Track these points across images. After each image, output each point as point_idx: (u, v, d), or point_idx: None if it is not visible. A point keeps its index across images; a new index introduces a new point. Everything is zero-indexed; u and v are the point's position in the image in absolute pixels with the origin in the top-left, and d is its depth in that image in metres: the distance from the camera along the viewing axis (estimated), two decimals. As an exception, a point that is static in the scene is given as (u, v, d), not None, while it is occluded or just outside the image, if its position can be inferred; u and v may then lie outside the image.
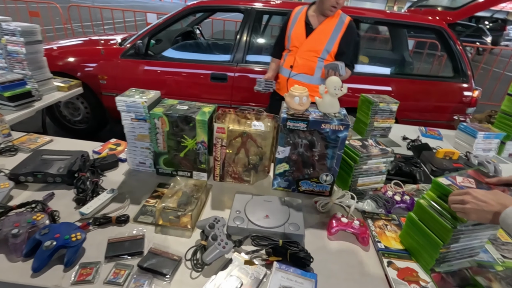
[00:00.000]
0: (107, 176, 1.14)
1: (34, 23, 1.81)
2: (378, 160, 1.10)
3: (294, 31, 1.73)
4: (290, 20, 1.77)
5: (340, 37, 1.69)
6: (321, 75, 1.76)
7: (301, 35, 1.72)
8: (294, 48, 1.74)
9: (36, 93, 1.72)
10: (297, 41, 1.72)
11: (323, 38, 1.69)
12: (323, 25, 1.69)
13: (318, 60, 1.72)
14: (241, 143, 1.08)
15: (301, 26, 1.73)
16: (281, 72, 1.84)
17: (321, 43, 1.69)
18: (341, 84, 0.97)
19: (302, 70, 1.74)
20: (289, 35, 1.75)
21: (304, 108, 1.00)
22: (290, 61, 1.76)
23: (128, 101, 1.02)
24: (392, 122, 1.66)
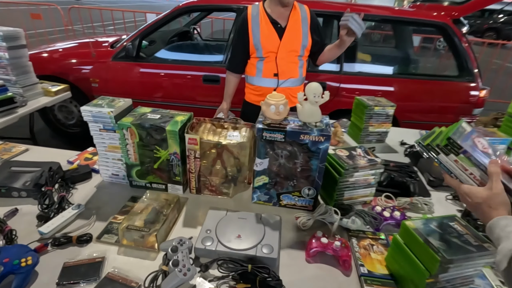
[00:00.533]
0: (78, 189, 1.08)
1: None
2: (365, 172, 1.01)
3: (263, 35, 1.50)
4: (249, 23, 1.52)
5: (309, 28, 1.55)
6: (303, 74, 1.66)
7: (274, 38, 1.51)
8: (270, 54, 1.53)
9: (20, 99, 1.68)
10: (272, 45, 1.51)
11: (297, 35, 1.53)
12: (291, 20, 1.53)
13: (299, 59, 1.59)
14: (216, 155, 1.00)
15: (268, 27, 1.51)
16: (261, 83, 1.61)
17: (297, 40, 1.54)
18: (321, 91, 0.88)
19: (288, 75, 1.59)
20: (256, 41, 1.51)
21: (281, 117, 0.92)
22: (271, 68, 1.56)
23: (94, 111, 0.96)
24: (388, 126, 1.56)
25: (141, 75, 2.42)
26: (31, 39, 5.50)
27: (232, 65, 1.68)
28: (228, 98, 1.72)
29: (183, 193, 1.09)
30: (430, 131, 0.78)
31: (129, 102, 1.05)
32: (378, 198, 1.10)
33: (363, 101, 1.52)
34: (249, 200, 1.08)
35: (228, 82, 1.71)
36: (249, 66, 1.63)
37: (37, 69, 2.52)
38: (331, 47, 1.56)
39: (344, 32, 1.35)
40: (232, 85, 1.71)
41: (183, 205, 1.03)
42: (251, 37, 1.52)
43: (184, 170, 1.05)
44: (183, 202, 1.05)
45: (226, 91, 1.73)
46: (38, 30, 5.41)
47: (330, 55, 1.59)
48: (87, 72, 2.46)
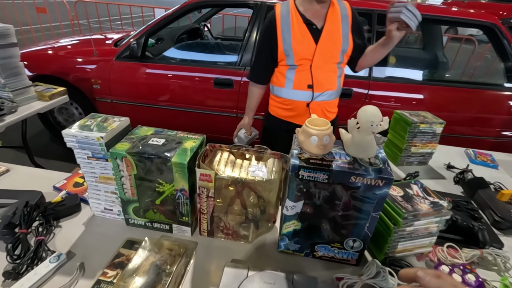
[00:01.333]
0: (62, 227, 0.87)
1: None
2: (428, 220, 0.78)
3: (296, 38, 1.26)
4: (278, 24, 1.27)
5: (351, 28, 1.30)
6: (341, 84, 1.41)
7: (308, 42, 1.26)
8: (304, 61, 1.28)
9: (9, 104, 1.49)
10: (306, 51, 1.27)
11: (336, 38, 1.28)
12: (330, 20, 1.27)
13: (338, 67, 1.35)
14: (235, 193, 0.78)
15: (302, 29, 1.26)
16: (291, 96, 1.36)
17: (337, 44, 1.29)
18: (380, 118, 0.65)
19: (326, 87, 1.34)
20: (287, 46, 1.26)
21: (325, 151, 0.69)
22: (305, 79, 1.31)
23: (79, 136, 0.74)
24: (434, 147, 1.32)
25: (146, 76, 2.21)
26: (36, 33, 5.37)
27: (255, 75, 1.42)
28: (250, 112, 1.50)
29: (192, 236, 0.87)
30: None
31: (126, 122, 0.83)
32: (438, 249, 0.86)
33: (405, 117, 1.28)
34: (275, 247, 0.86)
35: (251, 94, 1.47)
36: (276, 75, 1.37)
37: (35, 68, 2.36)
38: (373, 47, 1.31)
39: (394, 27, 1.10)
40: (255, 98, 1.47)
41: (192, 254, 0.82)
42: (281, 42, 1.26)
43: (193, 209, 0.83)
44: (192, 249, 0.83)
45: (248, 104, 1.50)
46: (44, 24, 5.26)
47: (373, 58, 1.34)
48: (88, 72, 2.26)
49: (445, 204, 0.79)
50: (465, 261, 0.83)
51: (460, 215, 0.95)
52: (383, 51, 1.27)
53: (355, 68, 1.43)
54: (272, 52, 1.31)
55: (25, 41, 5.22)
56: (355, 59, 1.38)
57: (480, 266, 0.85)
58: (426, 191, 0.84)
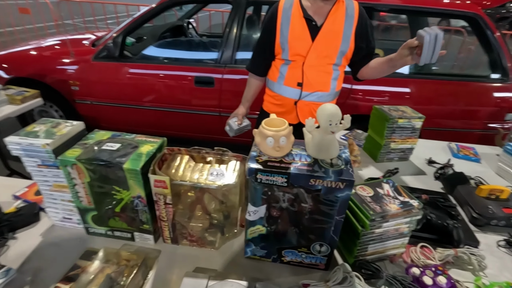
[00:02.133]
0: (17, 238, 0.83)
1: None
2: (398, 221, 0.75)
3: (293, 33, 1.21)
4: (279, 16, 1.22)
5: (355, 30, 1.22)
6: (336, 87, 1.33)
7: (305, 38, 1.21)
8: (297, 57, 1.24)
9: (-24, 109, 1.43)
10: (301, 47, 1.22)
11: (335, 37, 1.21)
12: (331, 18, 1.20)
13: (333, 69, 1.27)
14: (195, 199, 0.74)
15: (300, 24, 1.21)
16: (281, 92, 1.32)
17: (335, 44, 1.22)
18: (339, 116, 0.61)
19: (316, 88, 1.28)
20: (284, 40, 1.22)
21: (283, 153, 0.65)
22: (296, 76, 1.27)
23: (24, 143, 0.70)
24: (414, 142, 1.29)
25: (125, 76, 2.15)
26: (20, 35, 5.25)
27: (253, 66, 1.40)
28: (246, 102, 1.46)
29: (155, 243, 0.83)
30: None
31: (79, 127, 0.78)
32: (411, 249, 0.83)
33: (383, 112, 1.25)
34: (242, 253, 0.82)
35: (248, 84, 1.44)
36: (272, 68, 1.35)
37: (11, 70, 2.29)
38: (380, 61, 1.21)
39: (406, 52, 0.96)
40: (252, 89, 1.43)
41: (153, 263, 0.78)
42: (278, 34, 1.23)
43: (154, 217, 0.79)
44: (153, 258, 0.79)
45: (245, 94, 1.46)
46: (27, 25, 5.14)
47: (376, 71, 1.25)
48: (66, 73, 2.20)
49: (416, 204, 0.76)
50: (439, 262, 0.80)
51: (436, 213, 0.91)
52: (387, 69, 1.18)
53: (356, 75, 1.34)
54: (270, 44, 1.28)
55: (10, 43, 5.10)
56: (357, 65, 1.30)
57: (454, 266, 0.82)
58: (398, 190, 0.81)
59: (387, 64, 1.16)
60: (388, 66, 1.16)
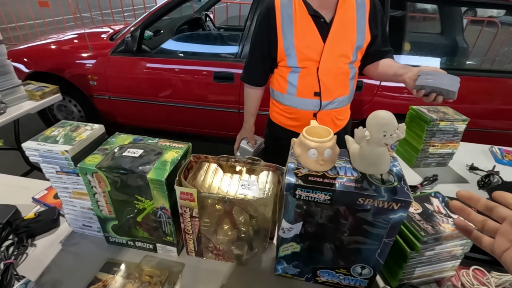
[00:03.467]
0: (37, 245, 0.79)
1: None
2: (453, 243, 0.66)
3: (299, 34, 1.02)
4: (278, 15, 1.03)
5: (368, 19, 1.05)
6: (354, 86, 1.17)
7: (315, 40, 1.03)
8: (308, 63, 1.05)
9: (-3, 106, 1.41)
10: (312, 50, 1.03)
11: (349, 32, 1.04)
12: (341, 10, 1.02)
13: (350, 68, 1.10)
14: (223, 212, 0.68)
15: (307, 23, 1.02)
16: (295, 105, 1.13)
17: (350, 39, 1.04)
18: (395, 125, 0.52)
19: (336, 94, 1.11)
20: (288, 44, 1.03)
21: (327, 167, 0.57)
22: (311, 85, 1.08)
23: (42, 150, 0.65)
24: (456, 147, 1.18)
25: (143, 71, 2.10)
26: (40, 28, 5.32)
27: (249, 76, 1.19)
28: (250, 118, 1.27)
29: (179, 256, 0.78)
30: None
31: (99, 131, 0.73)
32: (462, 272, 0.74)
33: (422, 114, 1.14)
34: (271, 270, 0.75)
35: (247, 97, 1.24)
36: (276, 77, 1.14)
37: (31, 65, 2.29)
38: (388, 71, 1.08)
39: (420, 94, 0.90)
40: (253, 101, 1.23)
41: (177, 278, 0.72)
42: (280, 37, 1.03)
43: (178, 227, 0.73)
44: (177, 272, 0.73)
45: (246, 109, 1.26)
46: (47, 19, 5.20)
47: (382, 77, 1.14)
48: (84, 68, 2.17)
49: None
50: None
51: (488, 231, 0.81)
52: (393, 78, 1.07)
53: (362, 70, 1.19)
54: (270, 50, 1.08)
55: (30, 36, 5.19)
56: (365, 60, 1.14)
57: (513, 293, 0.73)
58: (448, 207, 0.71)
59: (394, 78, 1.05)
60: (395, 80, 1.05)
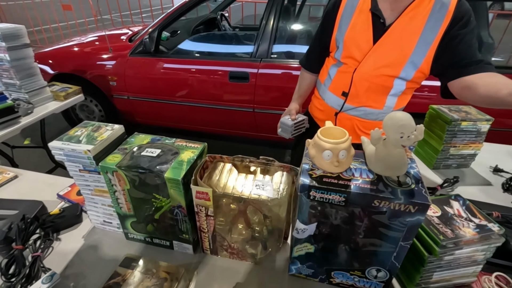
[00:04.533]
0: (61, 240, 0.83)
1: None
2: (474, 248, 0.64)
3: (352, 28, 0.98)
4: (342, 7, 1.01)
5: (442, 35, 0.88)
6: (395, 105, 1.05)
7: (365, 38, 0.97)
8: (350, 60, 1.01)
9: (24, 106, 1.49)
10: (358, 47, 0.98)
11: (406, 42, 0.92)
12: (406, 16, 0.91)
13: (395, 84, 0.99)
14: (238, 212, 0.69)
15: (364, 19, 0.96)
16: (325, 98, 1.14)
17: (403, 52, 0.93)
18: (413, 127, 0.51)
19: (364, 102, 1.04)
20: (340, 36, 1.01)
21: (342, 169, 0.56)
22: (343, 83, 1.05)
23: (66, 149, 0.68)
24: (478, 147, 1.13)
25: (160, 71, 2.15)
26: (64, 31, 5.55)
27: (306, 60, 1.23)
28: (298, 98, 1.28)
29: (194, 253, 0.80)
30: None
31: (119, 131, 0.76)
32: (484, 278, 0.71)
33: (443, 113, 1.10)
34: (285, 270, 0.76)
35: (301, 79, 1.28)
36: (323, 67, 1.17)
37: (55, 67, 2.39)
38: (503, 84, 0.80)
39: None
40: (305, 84, 1.26)
41: (192, 275, 0.74)
42: (336, 27, 1.03)
43: (194, 225, 0.75)
44: (193, 269, 0.75)
45: (296, 89, 1.29)
46: (70, 21, 5.41)
47: (488, 96, 0.83)
48: (104, 69, 2.25)
49: (496, 229, 0.64)
50: (520, 296, 0.68)
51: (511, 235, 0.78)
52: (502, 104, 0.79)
53: (445, 95, 1.00)
54: (326, 38, 1.08)
55: (54, 38, 5.42)
56: (446, 76, 0.94)
57: (540, 302, 0.70)
58: (471, 210, 0.69)
59: (508, 99, 0.76)
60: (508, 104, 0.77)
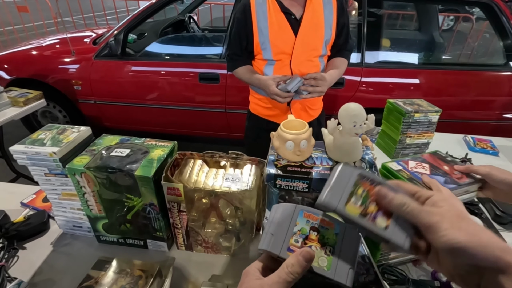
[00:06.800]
0: (27, 248, 0.81)
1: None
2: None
3: (273, 30, 1.13)
4: (253, 13, 1.12)
5: (335, 15, 1.17)
6: None
7: (287, 34, 1.14)
8: (282, 55, 1.16)
9: (-21, 113, 1.40)
10: (285, 44, 1.14)
11: (317, 27, 1.16)
12: (310, 8, 1.14)
13: (320, 61, 1.23)
14: (210, 205, 0.71)
15: (279, 19, 1.13)
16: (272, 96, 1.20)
17: (318, 34, 1.16)
18: (364, 117, 0.57)
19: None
20: (264, 39, 1.13)
21: (304, 157, 0.61)
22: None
23: (30, 152, 0.67)
24: (430, 136, 1.24)
25: (128, 74, 2.11)
26: (20, 34, 5.20)
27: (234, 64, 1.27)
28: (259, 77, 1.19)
29: (169, 250, 0.81)
30: None
31: (86, 133, 0.75)
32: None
33: (398, 106, 1.20)
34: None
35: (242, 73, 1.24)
36: (256, 70, 1.25)
37: (12, 71, 2.26)
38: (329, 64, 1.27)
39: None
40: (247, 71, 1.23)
41: (168, 271, 0.75)
42: (256, 33, 1.14)
43: (167, 223, 0.76)
44: (168, 266, 0.76)
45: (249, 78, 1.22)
46: (26, 24, 5.09)
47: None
48: (67, 73, 2.16)
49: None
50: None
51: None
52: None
53: None
54: (247, 44, 1.18)
55: (9, 42, 5.06)
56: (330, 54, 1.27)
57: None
58: (421, 191, 0.77)
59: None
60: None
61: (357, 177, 0.38)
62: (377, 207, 0.36)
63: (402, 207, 0.34)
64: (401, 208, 0.34)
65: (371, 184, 0.37)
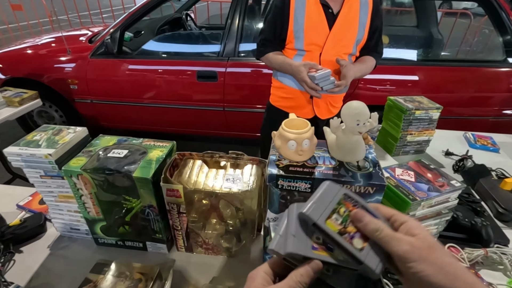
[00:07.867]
0: (24, 252, 0.79)
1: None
2: (427, 223, 0.70)
3: (309, 20, 1.14)
4: (292, 2, 1.14)
5: (370, 17, 1.18)
6: None
7: (322, 26, 1.15)
8: (313, 47, 1.17)
9: (-27, 114, 1.38)
10: (318, 36, 1.16)
11: (352, 25, 1.17)
12: (347, 5, 1.15)
13: (348, 59, 1.23)
14: (210, 206, 0.70)
15: (317, 11, 1.14)
16: (293, 84, 1.24)
17: (352, 32, 1.18)
18: (368, 115, 0.56)
19: None
20: (298, 28, 1.14)
21: (306, 157, 0.60)
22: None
23: (24, 154, 0.65)
24: (431, 134, 1.23)
25: (125, 73, 2.08)
26: (14, 33, 5.13)
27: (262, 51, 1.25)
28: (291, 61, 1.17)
29: (169, 252, 0.79)
30: None
31: (82, 133, 0.73)
32: (438, 250, 0.79)
33: (399, 104, 1.19)
34: (260, 260, 0.78)
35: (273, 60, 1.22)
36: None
37: (6, 71, 2.22)
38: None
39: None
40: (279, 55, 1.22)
41: (168, 274, 0.74)
42: (292, 21, 1.14)
43: (167, 225, 0.75)
44: (168, 268, 0.75)
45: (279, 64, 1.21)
46: (21, 22, 5.02)
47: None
48: (63, 72, 2.13)
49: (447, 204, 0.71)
50: (468, 263, 0.76)
51: (461, 210, 0.87)
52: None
53: None
54: (281, 31, 1.18)
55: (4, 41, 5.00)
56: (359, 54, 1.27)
57: (485, 266, 0.78)
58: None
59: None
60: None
61: (342, 196, 0.37)
62: (355, 229, 0.35)
63: (375, 233, 0.34)
64: (374, 233, 0.34)
65: (353, 205, 0.37)
